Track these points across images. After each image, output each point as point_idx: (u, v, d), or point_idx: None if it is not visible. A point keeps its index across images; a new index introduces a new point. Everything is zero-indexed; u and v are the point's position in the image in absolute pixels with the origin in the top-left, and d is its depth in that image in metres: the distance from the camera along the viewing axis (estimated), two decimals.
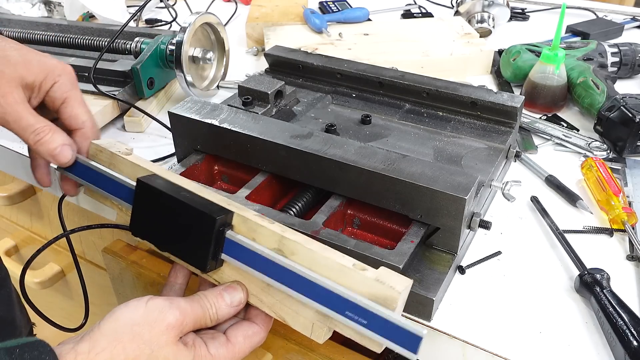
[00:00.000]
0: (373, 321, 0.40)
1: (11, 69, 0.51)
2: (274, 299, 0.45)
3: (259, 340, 0.46)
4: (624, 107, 0.70)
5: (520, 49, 0.91)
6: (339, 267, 0.41)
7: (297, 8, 1.15)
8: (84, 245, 0.92)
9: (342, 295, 0.41)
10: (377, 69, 0.72)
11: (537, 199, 0.64)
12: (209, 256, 0.45)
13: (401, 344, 0.39)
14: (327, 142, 0.54)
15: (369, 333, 0.40)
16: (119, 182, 0.51)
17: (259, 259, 0.44)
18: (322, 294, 0.42)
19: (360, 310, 0.40)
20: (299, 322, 0.44)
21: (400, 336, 0.39)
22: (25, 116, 0.50)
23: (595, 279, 0.51)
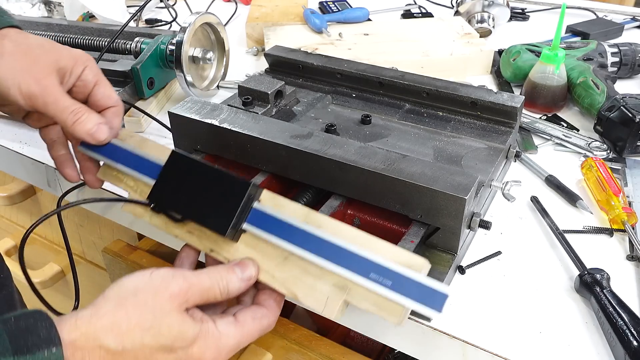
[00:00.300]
0: (398, 282, 0.41)
1: (46, 55, 0.54)
2: (288, 274, 0.45)
3: (267, 323, 0.45)
4: (624, 107, 0.70)
5: (520, 49, 0.91)
6: (365, 237, 0.44)
7: (297, 8, 1.15)
8: (84, 245, 0.92)
9: (367, 258, 0.42)
10: (377, 69, 0.72)
11: (537, 199, 0.64)
12: (232, 221, 0.46)
13: (426, 304, 0.40)
14: (327, 142, 0.54)
15: (393, 295, 0.41)
16: (147, 160, 0.53)
17: (284, 227, 0.46)
18: (347, 257, 0.43)
19: (385, 271, 0.42)
20: (312, 297, 0.44)
21: (425, 296, 0.40)
22: (62, 98, 0.52)
23: (595, 279, 0.51)
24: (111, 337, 0.38)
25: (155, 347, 0.39)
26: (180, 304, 0.41)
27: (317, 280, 0.44)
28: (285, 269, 0.46)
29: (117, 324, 0.39)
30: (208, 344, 0.41)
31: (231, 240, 0.48)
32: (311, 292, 0.44)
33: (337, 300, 0.43)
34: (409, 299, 0.41)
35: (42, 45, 0.55)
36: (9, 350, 0.34)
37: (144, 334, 0.39)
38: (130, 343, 0.39)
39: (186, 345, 0.40)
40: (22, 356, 0.35)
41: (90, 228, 0.88)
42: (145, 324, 0.39)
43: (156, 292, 0.40)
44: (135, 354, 0.39)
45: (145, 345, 0.39)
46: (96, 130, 0.53)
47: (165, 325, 0.40)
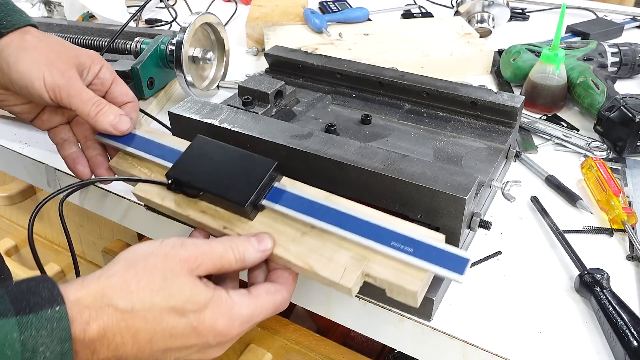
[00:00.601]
0: (419, 249, 0.43)
1: (67, 51, 0.56)
2: (304, 248, 0.46)
3: (281, 299, 0.44)
4: (624, 107, 0.70)
5: (520, 49, 0.91)
6: (384, 215, 0.46)
7: (297, 8, 1.15)
8: (84, 245, 0.92)
9: (387, 228, 0.44)
10: (377, 69, 0.72)
11: (537, 199, 0.64)
12: (254, 193, 0.47)
13: (449, 267, 0.41)
14: (327, 142, 0.54)
15: (415, 260, 0.42)
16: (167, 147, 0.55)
17: (304, 202, 0.48)
18: (368, 228, 0.45)
19: (407, 240, 0.43)
20: (328, 268, 0.44)
21: (446, 261, 0.42)
22: (85, 90, 0.55)
23: (595, 279, 0.51)
24: (120, 296, 0.37)
25: (166, 308, 0.38)
26: (191, 269, 0.40)
27: (334, 252, 0.45)
28: (302, 244, 0.46)
29: (126, 282, 0.38)
30: (221, 310, 0.40)
31: (247, 217, 0.48)
32: (328, 263, 0.44)
33: (354, 271, 0.44)
34: (432, 264, 0.42)
35: (61, 42, 0.58)
36: (11, 311, 0.34)
37: (154, 294, 0.38)
38: (140, 303, 0.38)
39: (198, 309, 0.39)
40: (24, 316, 0.34)
41: (90, 228, 0.88)
42: (155, 285, 0.38)
43: (166, 257, 0.40)
44: (144, 315, 0.38)
45: (155, 305, 0.38)
46: (118, 120, 0.55)
47: (176, 287, 0.39)
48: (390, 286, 0.43)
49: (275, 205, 0.48)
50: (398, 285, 0.42)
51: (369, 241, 0.44)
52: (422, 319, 0.50)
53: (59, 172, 0.71)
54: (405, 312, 0.50)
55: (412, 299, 0.43)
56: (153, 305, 0.38)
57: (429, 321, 0.50)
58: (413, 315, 0.50)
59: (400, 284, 0.42)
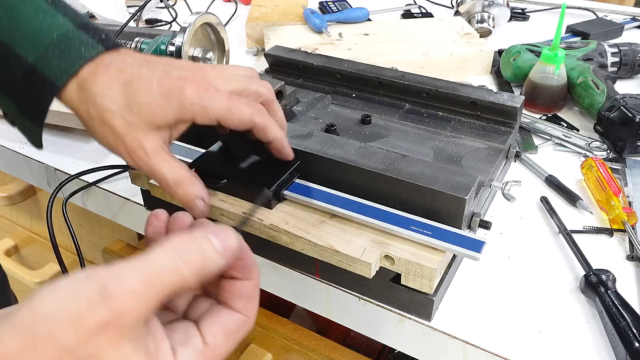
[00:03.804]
0: (438, 233, 0.46)
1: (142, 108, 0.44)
2: (324, 232, 0.48)
3: (244, 332, 0.34)
4: (624, 107, 0.70)
5: (520, 49, 0.91)
6: None
7: (297, 8, 1.15)
8: (84, 245, 0.92)
9: (406, 216, 0.48)
10: (377, 69, 0.72)
11: (547, 199, 0.64)
12: (277, 182, 0.51)
13: (467, 247, 0.45)
14: (327, 142, 0.54)
15: (434, 241, 0.46)
16: None
17: (324, 194, 0.51)
18: (387, 215, 0.48)
19: (425, 225, 0.47)
20: (349, 248, 0.47)
21: (464, 242, 0.45)
22: (157, 169, 0.45)
23: (601, 280, 0.51)
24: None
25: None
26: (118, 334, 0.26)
27: (353, 236, 0.48)
28: (322, 229, 0.49)
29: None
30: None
31: (267, 205, 0.51)
32: (348, 244, 0.47)
33: (374, 250, 0.46)
34: (450, 244, 0.45)
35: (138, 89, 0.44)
36: None
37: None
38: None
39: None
40: None
41: (90, 228, 0.88)
42: None
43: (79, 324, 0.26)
44: None
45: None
46: (193, 205, 0.46)
47: None
48: (407, 267, 0.46)
49: (296, 194, 0.51)
50: (416, 264, 0.45)
51: (389, 225, 0.47)
52: (422, 319, 0.50)
53: (59, 172, 0.71)
54: (405, 312, 0.50)
55: (428, 280, 0.45)
56: None
57: (429, 321, 0.50)
58: (413, 315, 0.50)
59: (418, 261, 0.45)
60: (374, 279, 0.48)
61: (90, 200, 0.72)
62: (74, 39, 0.46)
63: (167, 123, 0.45)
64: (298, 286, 0.57)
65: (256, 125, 0.46)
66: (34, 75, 0.45)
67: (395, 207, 0.51)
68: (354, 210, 0.49)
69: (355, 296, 0.52)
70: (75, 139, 0.76)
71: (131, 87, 0.44)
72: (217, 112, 0.44)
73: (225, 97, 0.44)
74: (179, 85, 0.44)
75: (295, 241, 0.48)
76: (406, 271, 0.46)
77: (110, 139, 0.45)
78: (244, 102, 0.45)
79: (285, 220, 0.50)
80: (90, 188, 0.69)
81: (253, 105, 0.46)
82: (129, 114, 0.44)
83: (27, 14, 0.46)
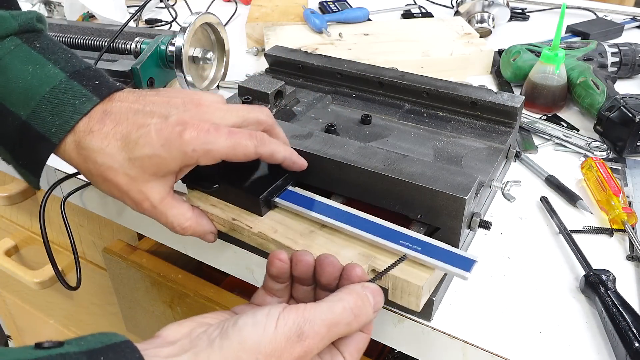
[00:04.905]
0: (427, 248, 0.45)
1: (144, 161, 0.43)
2: (312, 243, 0.47)
3: None
4: (624, 107, 0.70)
5: (520, 49, 0.91)
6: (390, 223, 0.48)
7: (297, 8, 1.15)
8: (84, 245, 0.92)
9: (396, 229, 0.47)
10: (377, 69, 0.72)
11: (547, 199, 0.64)
12: (269, 189, 0.50)
13: (456, 265, 0.43)
14: (327, 142, 0.54)
15: (423, 257, 0.44)
16: None
17: (315, 203, 0.50)
18: (377, 227, 0.47)
19: (415, 240, 0.45)
20: None
21: (454, 260, 0.43)
22: (162, 217, 0.46)
23: (601, 280, 0.51)
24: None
25: None
26: None
27: (341, 248, 0.47)
28: (310, 239, 0.48)
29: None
30: None
31: (258, 212, 0.50)
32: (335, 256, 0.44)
33: (361, 264, 0.45)
34: (440, 262, 0.43)
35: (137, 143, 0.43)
36: None
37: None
38: None
39: None
40: None
41: (90, 228, 0.88)
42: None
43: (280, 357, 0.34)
44: None
45: None
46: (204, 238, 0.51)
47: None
48: (394, 283, 0.44)
49: (286, 202, 0.50)
50: (403, 279, 0.43)
51: (378, 238, 0.46)
52: (422, 319, 0.50)
53: (58, 172, 0.71)
54: (405, 312, 0.50)
55: (415, 298, 0.43)
56: None
57: (429, 321, 0.50)
58: (413, 315, 0.50)
59: (405, 278, 0.43)
60: None
61: (91, 200, 0.72)
62: (67, 90, 0.44)
63: (171, 172, 0.45)
64: None
65: (262, 155, 0.46)
66: (28, 132, 0.44)
67: (395, 207, 0.51)
68: (344, 222, 0.48)
69: None
70: None
71: (130, 141, 0.43)
72: (221, 152, 0.43)
73: (226, 134, 0.43)
74: (177, 132, 0.42)
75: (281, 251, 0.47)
76: (393, 286, 0.45)
77: (115, 193, 0.46)
78: (246, 134, 0.44)
79: (274, 228, 0.50)
80: (91, 188, 0.69)
81: (255, 136, 0.45)
82: (130, 169, 0.43)
83: (16, 66, 0.44)
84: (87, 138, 0.44)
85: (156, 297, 0.78)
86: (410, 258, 0.44)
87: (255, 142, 0.45)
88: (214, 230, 0.51)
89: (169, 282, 0.74)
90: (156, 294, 0.77)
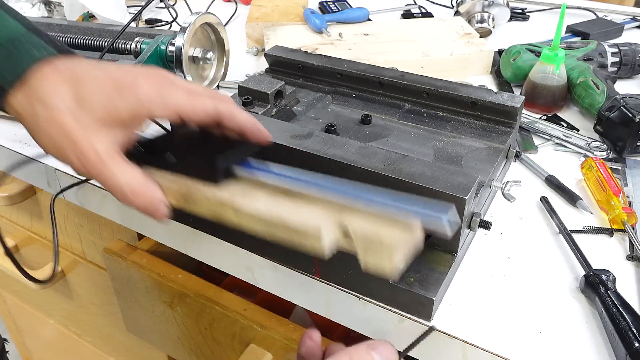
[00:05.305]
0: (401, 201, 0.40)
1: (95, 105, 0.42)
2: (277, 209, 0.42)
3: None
4: (624, 107, 0.70)
5: (520, 49, 0.91)
6: None
7: (297, 8, 1.15)
8: (84, 245, 0.92)
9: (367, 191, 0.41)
10: (377, 69, 0.72)
11: (547, 199, 0.64)
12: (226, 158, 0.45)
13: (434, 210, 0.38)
14: (327, 142, 0.54)
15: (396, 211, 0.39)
16: None
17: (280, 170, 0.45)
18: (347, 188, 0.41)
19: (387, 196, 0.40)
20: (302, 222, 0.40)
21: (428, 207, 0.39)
22: (109, 176, 0.42)
23: (601, 280, 0.51)
24: None
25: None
26: None
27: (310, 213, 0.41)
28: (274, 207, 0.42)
29: None
30: None
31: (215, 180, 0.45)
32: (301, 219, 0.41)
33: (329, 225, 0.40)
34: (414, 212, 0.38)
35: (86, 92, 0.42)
36: None
37: None
38: None
39: None
40: None
41: (90, 228, 0.88)
42: None
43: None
44: None
45: None
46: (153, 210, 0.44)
47: None
48: (366, 245, 0.39)
49: (247, 170, 0.45)
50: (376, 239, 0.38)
51: (348, 198, 0.41)
52: (422, 319, 0.50)
53: (58, 172, 0.71)
54: (405, 312, 0.50)
55: (388, 259, 0.38)
56: None
57: (428, 321, 0.50)
58: (413, 315, 0.50)
59: (378, 236, 0.38)
60: (374, 278, 0.48)
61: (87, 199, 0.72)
62: (25, 42, 0.43)
63: (121, 119, 0.42)
64: (298, 286, 0.57)
65: (222, 113, 0.43)
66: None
67: None
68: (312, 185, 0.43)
69: (355, 296, 0.52)
70: None
71: (83, 85, 0.41)
72: (178, 105, 0.42)
73: (185, 91, 0.42)
74: (133, 80, 0.41)
75: (242, 218, 0.43)
76: (365, 247, 0.39)
77: (58, 140, 0.42)
78: (206, 93, 0.43)
79: (233, 198, 0.45)
80: (91, 188, 0.69)
81: (215, 95, 0.43)
82: (80, 113, 0.41)
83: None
84: (39, 81, 0.42)
85: (156, 297, 0.78)
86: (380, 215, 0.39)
87: (216, 101, 0.43)
88: (166, 201, 0.45)
89: (169, 282, 0.74)
90: (156, 294, 0.77)
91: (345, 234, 0.40)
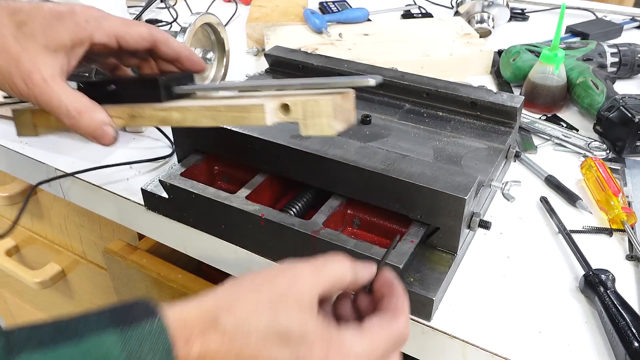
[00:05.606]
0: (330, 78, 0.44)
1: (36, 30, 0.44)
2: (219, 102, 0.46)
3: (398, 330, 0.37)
4: (624, 107, 0.70)
5: (520, 49, 0.91)
6: None
7: (297, 8, 1.15)
8: (84, 245, 0.92)
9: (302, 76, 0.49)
10: (377, 69, 0.72)
11: (546, 199, 0.64)
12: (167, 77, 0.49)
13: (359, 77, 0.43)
14: (327, 142, 0.54)
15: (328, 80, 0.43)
16: None
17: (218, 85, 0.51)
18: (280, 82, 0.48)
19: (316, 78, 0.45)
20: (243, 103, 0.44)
21: None
22: (55, 97, 0.44)
23: (601, 280, 0.51)
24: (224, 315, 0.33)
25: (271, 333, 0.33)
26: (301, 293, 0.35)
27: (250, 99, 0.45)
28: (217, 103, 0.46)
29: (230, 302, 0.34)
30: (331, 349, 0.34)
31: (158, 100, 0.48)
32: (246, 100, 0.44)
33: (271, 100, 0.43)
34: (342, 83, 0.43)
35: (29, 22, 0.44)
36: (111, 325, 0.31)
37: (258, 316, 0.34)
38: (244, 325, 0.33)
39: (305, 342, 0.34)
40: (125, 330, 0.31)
41: (90, 228, 0.88)
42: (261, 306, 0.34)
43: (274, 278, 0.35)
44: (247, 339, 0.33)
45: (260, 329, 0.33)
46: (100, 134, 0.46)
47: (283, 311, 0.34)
48: (304, 112, 0.42)
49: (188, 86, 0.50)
50: (312, 101, 0.41)
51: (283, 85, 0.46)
52: (422, 318, 0.50)
53: (59, 172, 0.71)
54: None
55: (326, 120, 0.41)
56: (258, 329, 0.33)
57: (428, 321, 0.50)
58: (413, 314, 0.50)
59: (314, 101, 0.41)
60: None
61: (87, 199, 0.72)
62: None
63: (63, 44, 0.44)
64: None
65: (157, 38, 0.47)
66: None
67: (395, 207, 0.51)
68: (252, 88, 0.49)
69: None
70: (75, 138, 0.76)
71: (22, 13, 0.44)
72: (114, 28, 0.45)
73: (120, 19, 0.47)
74: (71, 9, 0.44)
75: (187, 113, 0.45)
76: (303, 116, 0.42)
77: (4, 66, 0.43)
78: (141, 23, 0.48)
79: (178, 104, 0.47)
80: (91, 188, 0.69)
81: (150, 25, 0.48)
82: (22, 38, 0.43)
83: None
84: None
85: (156, 297, 0.78)
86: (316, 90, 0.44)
87: (151, 28, 0.47)
88: (111, 123, 0.47)
89: (169, 282, 0.74)
90: (156, 294, 0.77)
91: (284, 107, 0.43)
